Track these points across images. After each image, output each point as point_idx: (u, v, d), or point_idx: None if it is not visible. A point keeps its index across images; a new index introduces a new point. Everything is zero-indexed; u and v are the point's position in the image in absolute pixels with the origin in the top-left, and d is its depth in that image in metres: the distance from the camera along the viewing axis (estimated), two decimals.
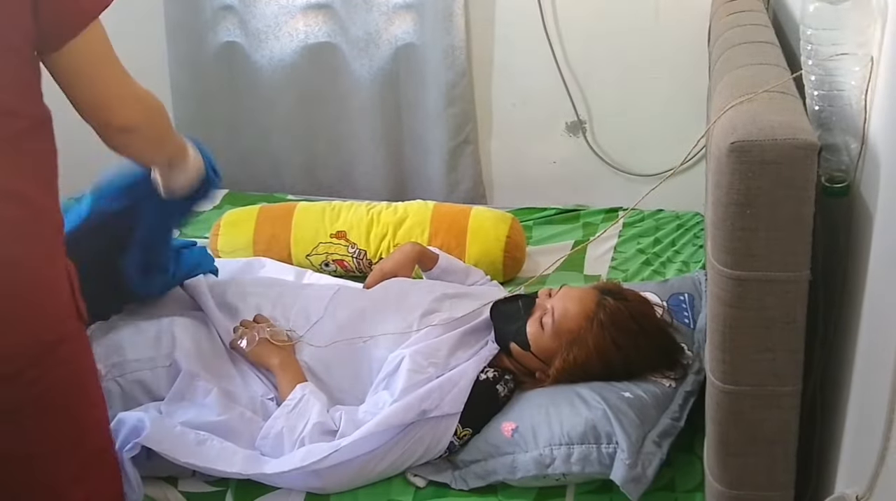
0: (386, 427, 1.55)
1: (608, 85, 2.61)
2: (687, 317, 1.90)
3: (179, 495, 1.61)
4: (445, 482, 1.58)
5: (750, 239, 1.15)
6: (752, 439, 1.29)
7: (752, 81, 1.28)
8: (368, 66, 2.68)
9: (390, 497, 1.56)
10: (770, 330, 1.20)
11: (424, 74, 2.66)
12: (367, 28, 2.64)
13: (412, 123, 2.76)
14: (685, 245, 2.35)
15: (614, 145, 2.68)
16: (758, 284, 1.18)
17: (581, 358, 1.64)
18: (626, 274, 2.22)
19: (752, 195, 1.13)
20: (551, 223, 2.52)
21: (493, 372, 1.68)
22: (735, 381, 1.25)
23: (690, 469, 1.57)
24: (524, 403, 1.64)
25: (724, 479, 1.34)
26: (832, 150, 1.20)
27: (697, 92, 2.34)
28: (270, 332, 1.79)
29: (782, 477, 1.32)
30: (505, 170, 2.80)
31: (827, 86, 1.18)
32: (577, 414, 1.55)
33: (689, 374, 1.69)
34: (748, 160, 1.11)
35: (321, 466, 1.53)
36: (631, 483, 1.45)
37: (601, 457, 1.50)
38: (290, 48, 2.72)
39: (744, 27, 1.68)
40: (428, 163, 2.76)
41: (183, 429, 1.58)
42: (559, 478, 1.54)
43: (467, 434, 1.61)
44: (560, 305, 1.69)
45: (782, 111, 1.17)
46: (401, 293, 1.88)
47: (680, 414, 1.59)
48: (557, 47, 2.57)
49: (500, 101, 2.72)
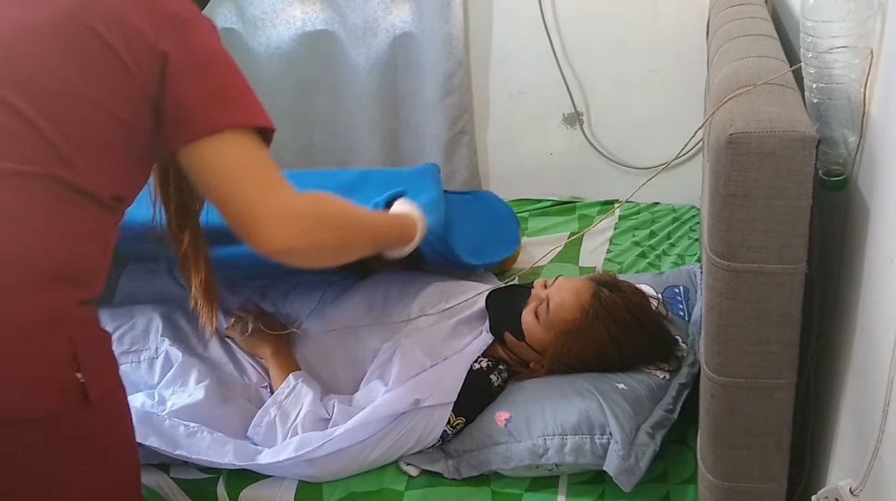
0: (379, 417, 1.55)
1: (606, 77, 2.61)
2: (682, 310, 1.90)
3: (171, 482, 1.61)
4: (438, 471, 1.58)
5: (746, 231, 1.15)
6: (745, 431, 1.29)
7: (751, 74, 1.28)
8: (366, 54, 2.67)
9: (383, 486, 1.56)
10: (765, 322, 1.20)
11: (422, 64, 2.65)
12: (366, 16, 2.62)
13: (409, 113, 2.75)
14: (681, 238, 2.35)
15: (611, 138, 2.68)
16: (754, 276, 1.17)
17: (576, 349, 1.65)
18: (622, 267, 2.22)
19: (750, 187, 1.13)
20: (547, 215, 2.52)
21: (488, 361, 1.68)
22: (729, 373, 1.25)
23: (683, 460, 1.58)
24: (518, 393, 1.64)
25: (717, 471, 1.34)
26: (830, 143, 1.20)
27: (695, 85, 2.34)
28: (263, 321, 1.78)
29: (775, 469, 1.32)
30: (501, 162, 2.80)
31: (826, 78, 1.18)
32: (571, 405, 1.55)
33: (683, 366, 1.69)
34: (746, 152, 1.11)
35: (314, 455, 1.52)
36: (624, 474, 1.46)
37: (595, 448, 1.50)
38: (288, 36, 2.71)
39: (742, 20, 1.68)
40: (425, 153, 2.76)
41: (173, 422, 1.58)
42: (552, 468, 1.54)
43: (460, 423, 1.61)
44: (555, 296, 1.69)
45: (781, 103, 1.16)
46: (395, 283, 1.88)
47: (674, 405, 1.60)
48: (555, 39, 2.57)
49: (497, 92, 2.71)
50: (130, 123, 1.13)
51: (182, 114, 1.13)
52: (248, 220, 1.15)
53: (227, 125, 1.14)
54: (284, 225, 1.16)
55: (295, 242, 1.17)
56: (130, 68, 1.10)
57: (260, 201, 1.15)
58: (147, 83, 1.12)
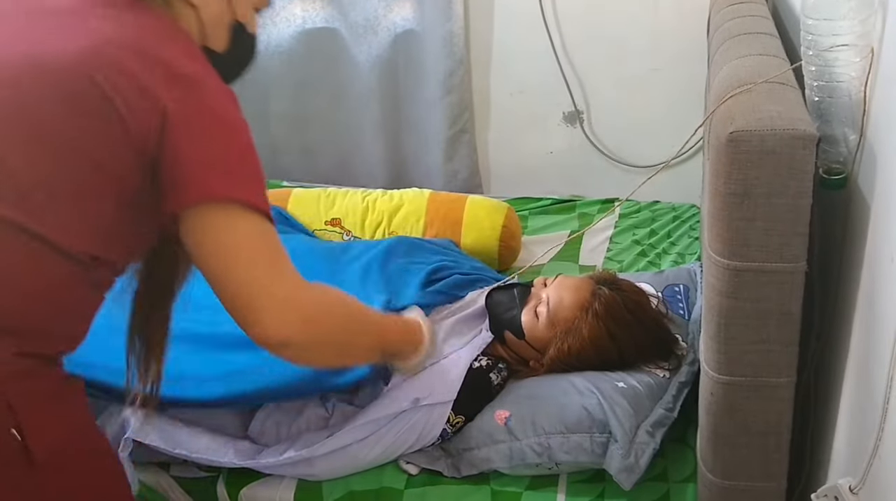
0: (379, 415, 1.55)
1: (606, 75, 2.60)
2: (682, 308, 1.90)
3: (171, 480, 1.60)
4: (438, 469, 1.58)
5: (747, 229, 1.15)
6: (745, 429, 1.29)
7: (752, 72, 1.27)
8: (367, 52, 2.67)
9: (382, 485, 1.56)
10: (765, 321, 1.20)
11: (423, 62, 2.65)
12: (366, 14, 2.62)
13: (410, 111, 2.75)
14: (681, 236, 2.35)
15: (612, 136, 2.68)
16: (754, 275, 1.17)
17: (575, 348, 1.64)
18: (622, 265, 2.22)
19: (750, 185, 1.12)
20: (547, 213, 2.52)
21: (487, 360, 1.68)
22: (729, 372, 1.25)
23: (683, 459, 1.58)
24: (518, 391, 1.64)
25: (716, 469, 1.34)
26: (830, 142, 1.20)
27: (696, 83, 2.34)
28: None
29: (775, 468, 1.32)
30: (502, 160, 2.80)
31: (826, 77, 1.18)
32: (570, 404, 1.55)
33: (683, 365, 1.69)
34: (746, 150, 1.11)
35: (314, 454, 1.52)
36: (624, 473, 1.46)
37: (594, 447, 1.50)
38: (288, 33, 2.71)
39: (743, 18, 1.68)
40: (426, 151, 2.76)
41: (173, 421, 1.58)
42: (552, 467, 1.54)
43: (460, 421, 1.61)
44: (555, 294, 1.69)
45: (781, 101, 1.16)
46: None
47: (673, 404, 1.59)
48: (556, 37, 2.57)
49: (497, 91, 2.71)
50: (118, 177, 1.06)
51: (179, 176, 1.05)
52: (247, 303, 1.07)
53: (222, 194, 1.06)
54: (286, 313, 1.09)
55: (294, 332, 1.09)
56: (126, 121, 1.04)
57: (265, 285, 1.07)
58: (144, 138, 1.04)
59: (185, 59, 1.09)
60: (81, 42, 1.06)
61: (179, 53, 1.10)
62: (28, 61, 1.05)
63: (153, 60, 1.06)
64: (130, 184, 1.07)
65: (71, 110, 1.03)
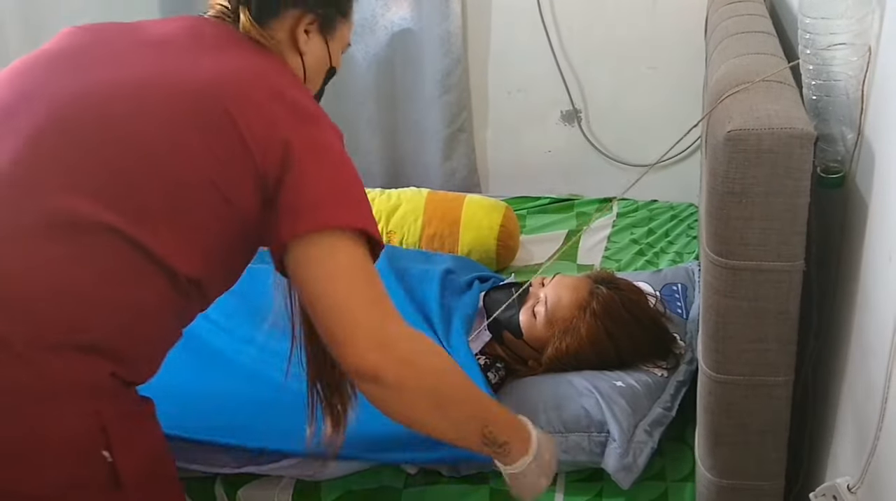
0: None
1: (604, 74, 2.60)
2: (680, 308, 1.90)
3: None
4: (437, 469, 1.58)
5: (744, 228, 1.15)
6: (743, 429, 1.29)
7: (749, 71, 1.27)
8: (364, 51, 2.67)
9: (381, 484, 1.56)
10: (763, 320, 1.20)
11: (420, 61, 2.65)
12: (364, 13, 2.62)
13: (407, 110, 2.75)
14: (679, 236, 2.35)
15: (609, 135, 2.68)
16: (751, 274, 1.17)
17: (573, 347, 1.64)
18: (620, 264, 2.22)
19: (748, 184, 1.12)
20: (545, 212, 2.52)
21: (485, 359, 1.68)
22: (727, 371, 1.25)
23: (681, 458, 1.58)
24: (515, 391, 1.64)
25: (714, 468, 1.34)
26: (828, 141, 1.20)
27: (694, 82, 2.34)
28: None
29: (773, 467, 1.32)
30: (499, 159, 2.80)
31: (824, 75, 1.18)
32: (569, 403, 1.55)
33: (681, 364, 1.69)
34: (744, 149, 1.11)
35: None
36: (622, 472, 1.46)
37: (592, 446, 1.50)
38: None
39: (741, 17, 1.68)
40: (424, 150, 2.76)
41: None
42: None
43: None
44: (553, 294, 1.69)
45: (779, 100, 1.16)
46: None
47: (671, 403, 1.60)
48: (554, 36, 2.57)
49: (495, 90, 2.71)
50: (234, 203, 1.09)
51: (300, 203, 1.08)
52: (344, 327, 1.08)
53: (343, 223, 1.09)
54: (382, 346, 1.08)
55: (387, 366, 1.07)
56: (251, 148, 1.07)
57: (365, 312, 1.08)
58: (265, 167, 1.08)
59: (302, 96, 1.15)
60: (211, 71, 1.10)
61: (297, 90, 1.15)
62: (164, 85, 1.09)
63: (278, 94, 1.11)
64: (243, 211, 1.10)
65: (204, 140, 1.07)
